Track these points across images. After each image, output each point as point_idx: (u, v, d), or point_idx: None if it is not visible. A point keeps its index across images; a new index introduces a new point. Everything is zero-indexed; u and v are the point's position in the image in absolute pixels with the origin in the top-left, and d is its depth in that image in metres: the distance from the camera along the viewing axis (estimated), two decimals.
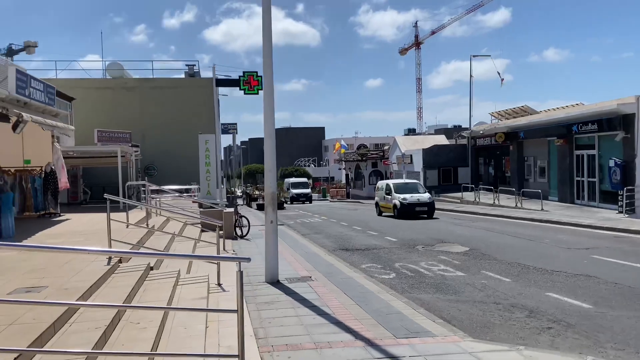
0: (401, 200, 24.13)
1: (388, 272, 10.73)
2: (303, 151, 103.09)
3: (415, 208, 23.87)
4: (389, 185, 26.17)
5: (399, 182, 27.42)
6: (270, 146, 8.33)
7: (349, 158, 53.94)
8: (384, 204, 26.00)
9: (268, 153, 8.35)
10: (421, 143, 41.11)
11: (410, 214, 23.65)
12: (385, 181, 28.78)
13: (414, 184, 26.80)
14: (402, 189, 25.33)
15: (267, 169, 8.33)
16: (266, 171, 8.34)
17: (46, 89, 13.85)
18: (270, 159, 8.37)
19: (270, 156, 8.37)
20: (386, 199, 25.74)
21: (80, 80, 36.31)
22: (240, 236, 16.35)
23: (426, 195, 24.96)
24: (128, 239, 9.46)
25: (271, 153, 8.36)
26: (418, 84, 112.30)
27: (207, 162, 25.18)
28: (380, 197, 26.71)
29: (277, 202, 32.56)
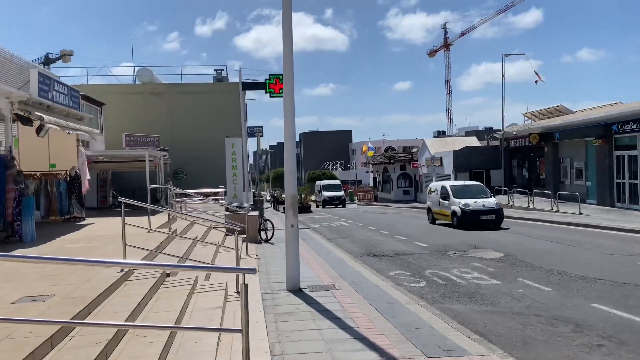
0: (462, 206, 19.81)
1: (418, 280, 10.13)
2: (330, 155, 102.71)
3: (481, 216, 19.51)
4: (445, 188, 21.61)
5: (457, 184, 22.78)
6: (290, 147, 7.88)
7: (376, 161, 53.20)
8: (439, 210, 21.73)
9: (288, 154, 7.90)
10: (451, 145, 40.12)
11: (474, 224, 19.41)
12: (440, 183, 23.68)
13: (477, 186, 22.24)
14: (463, 192, 20.96)
15: (287, 171, 7.87)
16: (286, 173, 7.89)
17: (70, 93, 13.75)
18: (290, 160, 7.91)
19: (291, 158, 7.91)
20: (442, 204, 21.39)
21: (110, 86, 36.76)
22: (265, 240, 15.96)
23: (492, 201, 20.46)
24: (146, 245, 9.14)
25: (291, 154, 7.91)
26: (447, 85, 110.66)
27: (233, 166, 24.97)
28: (434, 202, 22.45)
29: (304, 205, 32.04)
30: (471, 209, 19.74)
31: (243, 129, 23.49)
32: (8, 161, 10.41)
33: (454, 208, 20.28)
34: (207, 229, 15.12)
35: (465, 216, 19.69)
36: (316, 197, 48.82)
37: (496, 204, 20.33)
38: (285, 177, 7.95)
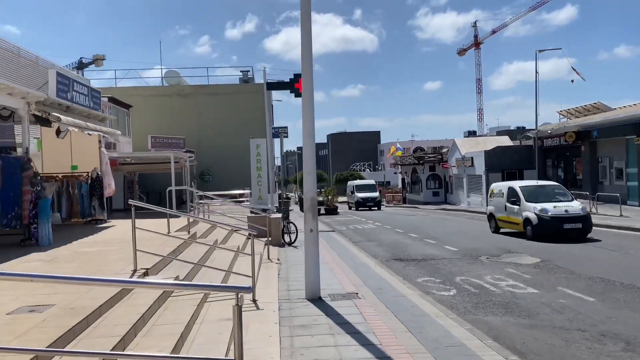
0: (539, 212, 16.06)
1: (448, 287, 9.47)
2: (358, 156, 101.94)
3: (564, 225, 15.70)
4: (513, 190, 17.66)
5: (529, 184, 18.62)
6: (309, 147, 7.36)
7: (405, 162, 52.28)
8: (505, 217, 17.92)
9: (307, 154, 7.39)
10: (483, 145, 38.97)
11: (554, 234, 15.65)
12: (505, 184, 19.48)
13: (554, 187, 18.42)
14: (536, 194, 17.23)
15: (306, 172, 7.36)
16: (305, 174, 7.38)
17: (91, 93, 13.57)
18: (309, 160, 7.39)
19: (309, 157, 7.39)
20: (509, 209, 17.54)
21: (138, 89, 36.99)
22: (289, 243, 15.49)
23: (576, 205, 16.56)
24: (161, 250, 8.77)
25: (310, 154, 7.39)
26: (478, 84, 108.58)
27: (258, 167, 24.60)
28: (499, 206, 18.47)
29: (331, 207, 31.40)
30: (551, 215, 15.90)
31: (268, 130, 23.11)
32: (24, 163, 10.21)
33: (527, 214, 16.45)
34: (229, 232, 14.76)
35: (543, 225, 15.92)
36: (348, 199, 45.55)
37: (582, 208, 16.42)
38: (304, 178, 7.44)
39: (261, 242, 14.56)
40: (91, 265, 7.91)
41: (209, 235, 12.88)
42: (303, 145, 7.42)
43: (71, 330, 4.66)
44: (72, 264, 8.03)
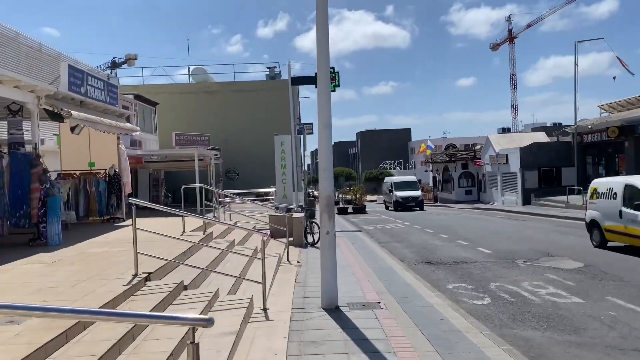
0: None
1: (481, 295, 8.59)
2: (388, 154, 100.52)
3: None
4: (635, 188, 12.50)
5: None
6: (325, 139, 6.63)
7: (436, 159, 50.94)
8: (622, 227, 12.65)
9: (323, 147, 6.65)
10: (518, 141, 37.45)
11: None
12: (618, 180, 14.09)
13: None
14: None
15: (322, 168, 6.63)
16: (320, 170, 6.65)
17: (107, 87, 13.16)
18: (325, 154, 6.66)
19: (326, 151, 6.66)
20: (630, 218, 12.31)
21: (165, 86, 36.93)
22: (311, 244, 14.79)
23: None
24: (170, 252, 8.20)
25: (326, 147, 6.65)
26: (512, 80, 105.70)
27: (282, 165, 24.01)
28: (609, 212, 13.24)
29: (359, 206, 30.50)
30: None
31: (292, 126, 22.47)
32: (33, 159, 9.80)
33: None
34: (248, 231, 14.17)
35: None
36: (385, 198, 40.62)
37: None
38: (320, 174, 6.71)
39: (283, 242, 13.92)
40: (92, 268, 7.37)
41: (226, 236, 12.29)
42: (318, 138, 6.69)
43: (42, 348, 4.06)
44: (73, 267, 7.52)
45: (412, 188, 37.91)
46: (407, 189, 37.55)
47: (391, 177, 46.04)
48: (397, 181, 39.62)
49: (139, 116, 27.92)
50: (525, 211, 27.96)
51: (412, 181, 39.89)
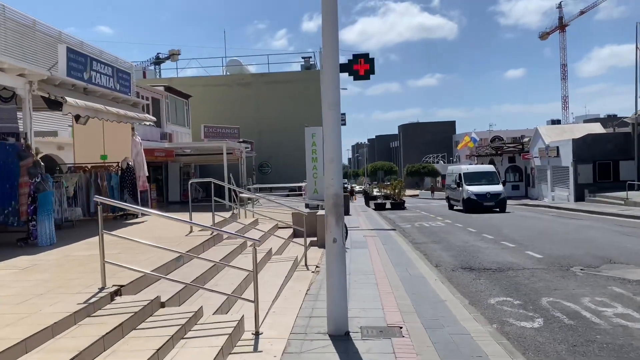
0: None
1: (531, 315, 7.03)
2: (431, 147, 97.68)
3: None
4: None
5: None
6: (332, 121, 5.26)
7: (481, 152, 48.48)
8: None
9: (329, 132, 5.29)
10: (569, 133, 34.83)
11: None
12: None
13: None
14: None
15: (328, 158, 5.27)
16: (326, 160, 5.29)
17: (116, 74, 12.20)
18: (332, 141, 5.29)
19: (333, 137, 5.29)
20: None
21: (199, 79, 36.34)
22: None
23: None
24: (157, 259, 7.04)
25: (334, 132, 5.28)
26: (563, 70, 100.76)
27: (313, 158, 22.79)
28: None
29: (397, 201, 28.76)
30: None
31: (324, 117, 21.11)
32: (22, 151, 8.88)
33: None
34: (269, 230, 12.99)
35: None
36: (450, 194, 31.04)
37: None
38: (325, 165, 5.35)
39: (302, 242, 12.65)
40: (61, 277, 6.29)
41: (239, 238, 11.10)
42: (323, 120, 5.35)
43: None
44: (43, 275, 6.47)
45: (490, 181, 27.94)
46: (482, 181, 27.72)
47: (458, 166, 35.15)
48: (469, 171, 29.37)
49: (170, 109, 27.26)
50: (579, 208, 25.62)
51: (489, 171, 29.76)
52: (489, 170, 30.15)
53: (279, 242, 11.39)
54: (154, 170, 25.57)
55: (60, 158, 16.83)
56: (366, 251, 12.42)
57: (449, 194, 31.59)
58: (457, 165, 34.93)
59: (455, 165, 34.59)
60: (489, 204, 26.38)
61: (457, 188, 28.81)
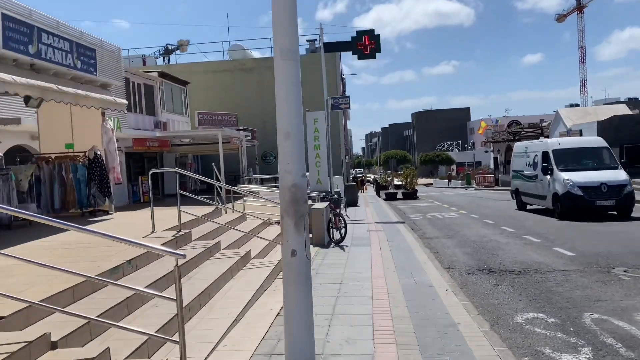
0: None
1: (574, 342, 5.28)
2: (445, 135, 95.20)
3: None
4: None
5: None
6: (288, 76, 3.56)
7: (498, 138, 46.23)
8: None
9: (283, 94, 3.58)
10: (593, 115, 32.58)
11: None
12: None
13: None
14: None
15: (282, 132, 3.56)
16: (280, 136, 3.58)
17: (77, 50, 10.56)
18: (288, 107, 3.58)
19: (288, 99, 3.58)
20: None
21: (199, 64, 34.69)
22: (336, 241, 11.77)
23: None
24: (90, 269, 5.41)
25: (290, 93, 3.57)
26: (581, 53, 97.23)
27: (316, 145, 21.00)
28: None
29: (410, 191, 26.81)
30: None
31: (326, 100, 19.35)
32: None
33: None
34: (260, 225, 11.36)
35: None
36: (522, 187, 19.41)
37: None
38: (279, 144, 3.65)
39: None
40: None
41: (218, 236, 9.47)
42: (275, 74, 3.64)
43: None
44: None
45: (600, 163, 16.87)
46: (587, 164, 16.72)
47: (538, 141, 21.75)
48: (564, 148, 17.37)
49: (166, 96, 25.68)
50: None
51: (598, 147, 17.70)
52: (598, 146, 17.73)
53: (263, 243, 9.71)
54: (149, 161, 24.09)
55: (34, 149, 15.34)
56: (367, 250, 10.72)
57: (519, 187, 19.54)
58: (536, 141, 21.39)
59: (531, 141, 21.40)
60: (606, 203, 15.40)
61: (538, 177, 17.50)
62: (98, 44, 18.48)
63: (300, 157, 3.69)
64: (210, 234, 9.25)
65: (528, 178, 18.64)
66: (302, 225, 3.65)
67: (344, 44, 19.86)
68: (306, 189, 3.67)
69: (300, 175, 3.66)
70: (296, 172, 3.64)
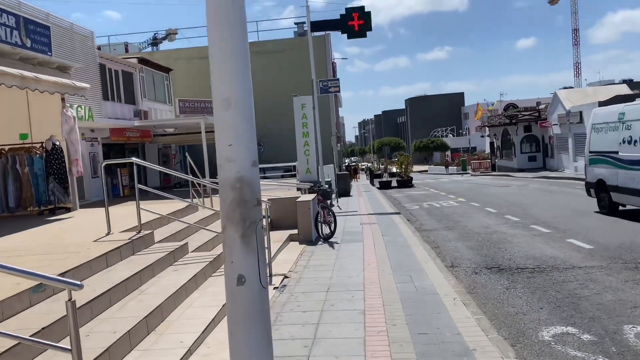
0: None
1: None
2: (439, 121, 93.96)
3: None
4: None
5: None
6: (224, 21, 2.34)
7: (493, 122, 45.06)
8: None
9: (216, 31, 2.36)
10: (593, 96, 31.41)
11: None
12: None
13: None
14: None
15: (219, 101, 2.36)
16: (216, 107, 2.38)
17: (26, 26, 9.24)
18: (227, 59, 2.37)
19: (228, 40, 2.37)
20: None
21: (181, 51, 33.25)
22: (325, 237, 10.58)
23: None
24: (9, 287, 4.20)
25: (230, 26, 2.36)
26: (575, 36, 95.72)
27: (304, 132, 19.70)
28: None
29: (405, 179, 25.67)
30: None
31: (312, 82, 18.04)
32: None
33: None
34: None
35: None
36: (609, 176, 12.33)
37: None
38: (215, 119, 2.43)
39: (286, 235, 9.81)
40: None
41: (188, 237, 8.25)
42: (207, 21, 2.41)
43: None
44: None
45: None
46: None
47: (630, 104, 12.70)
48: None
49: (147, 83, 24.26)
50: None
51: None
52: None
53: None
54: (130, 152, 22.77)
55: None
56: (359, 247, 9.53)
57: (605, 177, 12.76)
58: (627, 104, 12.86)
59: (632, 104, 12.60)
60: None
61: None
62: (68, 27, 17.11)
63: (249, 137, 2.48)
64: (179, 234, 8.03)
65: (627, 164, 11.77)
66: (254, 237, 2.44)
67: (333, 23, 18.54)
68: (259, 183, 2.48)
69: (249, 163, 2.44)
70: (242, 160, 2.43)
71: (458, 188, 26.12)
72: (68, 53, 15.40)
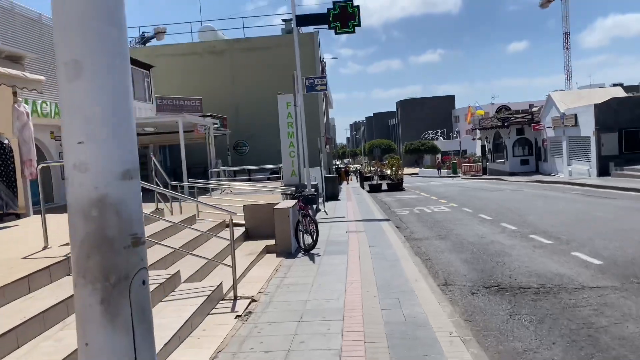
0: None
1: None
2: (430, 124, 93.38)
3: None
4: None
5: None
6: None
7: (485, 125, 44.33)
8: None
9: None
10: (587, 98, 30.70)
11: None
12: None
13: None
14: None
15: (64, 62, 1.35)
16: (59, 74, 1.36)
17: None
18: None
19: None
20: None
21: (164, 47, 32.02)
22: (305, 249, 9.55)
23: None
24: None
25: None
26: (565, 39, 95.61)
27: (290, 133, 18.75)
28: None
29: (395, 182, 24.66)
30: None
31: (299, 80, 17.01)
32: None
33: None
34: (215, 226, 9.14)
35: None
36: None
37: None
38: (61, 99, 1.44)
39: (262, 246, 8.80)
40: None
41: (150, 247, 7.17)
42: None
43: None
44: None
45: None
46: None
47: None
48: None
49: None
50: (607, 185, 21.67)
51: None
52: None
53: (210, 253, 7.44)
54: None
55: None
56: (343, 260, 8.52)
57: None
58: None
59: None
60: None
61: None
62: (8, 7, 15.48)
63: (119, 127, 1.45)
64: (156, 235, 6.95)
65: None
66: (126, 305, 1.42)
67: (319, 17, 17.56)
68: (139, 207, 1.48)
69: (116, 174, 1.42)
70: (104, 167, 1.41)
71: (449, 192, 25.22)
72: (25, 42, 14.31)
